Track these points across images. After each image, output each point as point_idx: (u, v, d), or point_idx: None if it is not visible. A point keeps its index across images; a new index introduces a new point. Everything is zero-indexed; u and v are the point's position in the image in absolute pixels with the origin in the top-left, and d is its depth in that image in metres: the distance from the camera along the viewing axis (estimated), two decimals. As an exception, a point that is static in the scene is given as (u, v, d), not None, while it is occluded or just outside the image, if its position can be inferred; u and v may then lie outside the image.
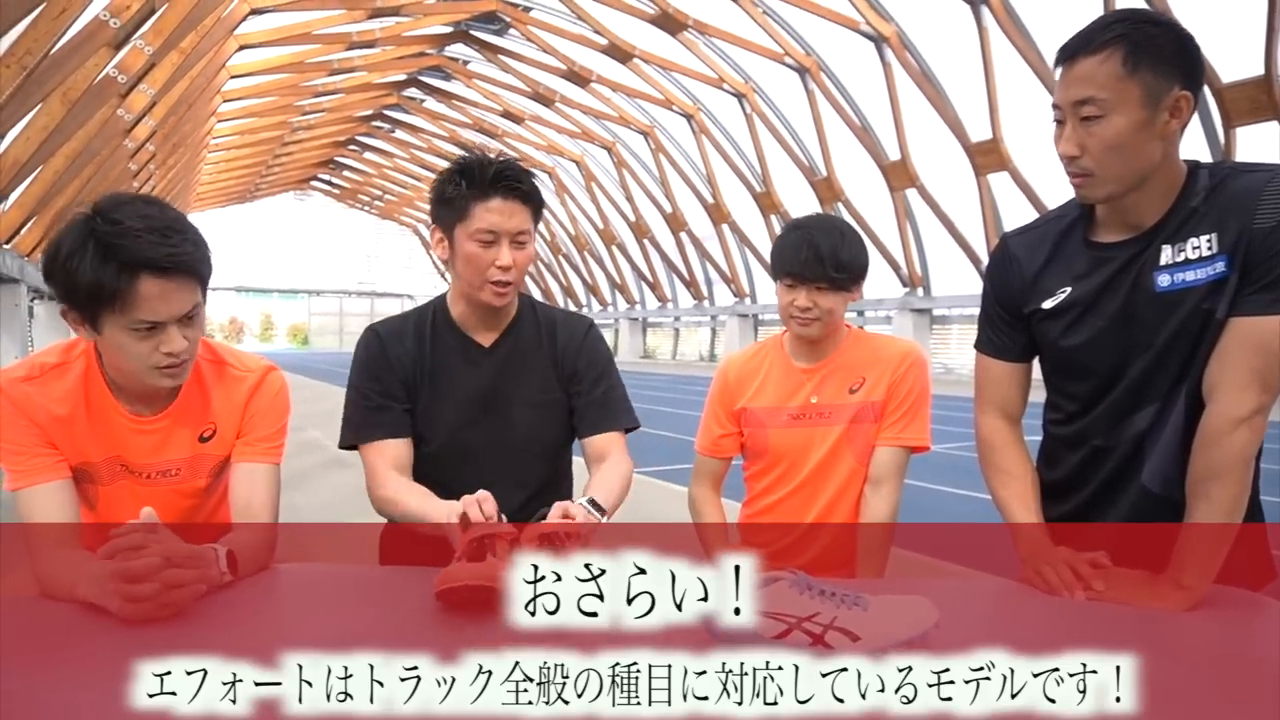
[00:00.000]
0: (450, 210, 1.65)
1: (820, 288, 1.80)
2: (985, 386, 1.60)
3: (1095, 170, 1.31)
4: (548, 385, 1.78)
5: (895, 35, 17.01)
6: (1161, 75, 1.26)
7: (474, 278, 1.66)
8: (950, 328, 21.96)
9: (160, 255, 1.27)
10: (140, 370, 1.37)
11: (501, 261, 1.63)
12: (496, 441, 1.74)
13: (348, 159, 36.52)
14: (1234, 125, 13.02)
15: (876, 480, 1.89)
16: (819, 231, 1.82)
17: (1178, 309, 1.34)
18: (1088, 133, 1.30)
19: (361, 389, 1.74)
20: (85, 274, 1.26)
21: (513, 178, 1.63)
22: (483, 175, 1.63)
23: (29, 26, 8.14)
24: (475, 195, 1.62)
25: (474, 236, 1.63)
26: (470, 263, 1.64)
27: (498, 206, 1.62)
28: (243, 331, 64.34)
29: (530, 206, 1.66)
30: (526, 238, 1.67)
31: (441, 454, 1.74)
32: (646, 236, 28.98)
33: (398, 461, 1.69)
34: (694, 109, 22.85)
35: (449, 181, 1.66)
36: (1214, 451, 1.30)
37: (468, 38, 22.61)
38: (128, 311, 1.29)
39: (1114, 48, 1.26)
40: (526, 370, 1.77)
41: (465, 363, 1.75)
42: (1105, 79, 1.26)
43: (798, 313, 1.83)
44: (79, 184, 13.85)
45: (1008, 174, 16.64)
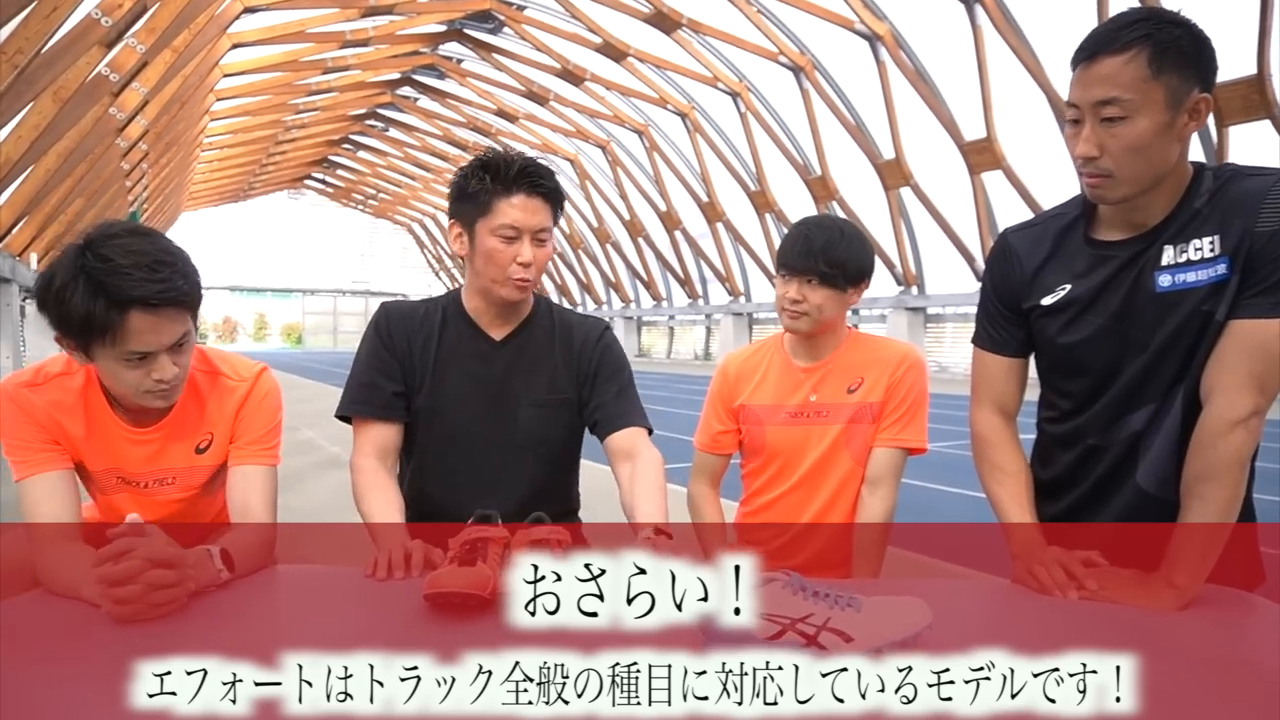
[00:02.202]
0: (472, 205, 1.65)
1: (811, 281, 1.81)
2: (982, 381, 1.60)
3: (1115, 171, 1.30)
4: (555, 386, 1.78)
5: (889, 34, 17.03)
6: (1185, 78, 1.25)
7: (495, 273, 1.66)
8: (945, 326, 22.00)
9: (150, 292, 1.29)
10: (132, 394, 1.40)
11: (523, 258, 1.64)
12: (500, 437, 1.74)
13: (341, 158, 36.42)
14: (1226, 124, 13.06)
15: (873, 481, 1.89)
16: (816, 228, 1.84)
17: (1177, 310, 1.34)
18: (1109, 134, 1.28)
19: (362, 363, 1.76)
20: (77, 307, 1.28)
21: (536, 175, 1.64)
22: (507, 171, 1.63)
23: (20, 25, 8.10)
24: (499, 191, 1.63)
25: (496, 232, 1.63)
26: (491, 258, 1.65)
27: (520, 203, 1.63)
28: (236, 331, 64.17)
29: (552, 204, 1.68)
30: (547, 235, 1.68)
31: (445, 444, 1.75)
32: (641, 235, 28.97)
33: (380, 444, 1.70)
34: (688, 108, 22.84)
35: (472, 176, 1.66)
36: (1210, 452, 1.30)
37: (462, 36, 22.57)
38: (118, 344, 1.31)
39: (1139, 48, 1.24)
40: (535, 369, 1.77)
41: (474, 354, 1.76)
42: (1130, 80, 1.25)
43: (788, 305, 1.84)
44: (71, 183, 13.81)
45: (1001, 172, 16.67)
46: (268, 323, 65.97)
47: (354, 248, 71.68)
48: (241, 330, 64.74)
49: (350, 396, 1.74)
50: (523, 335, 1.78)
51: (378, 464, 1.68)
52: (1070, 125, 1.34)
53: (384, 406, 1.72)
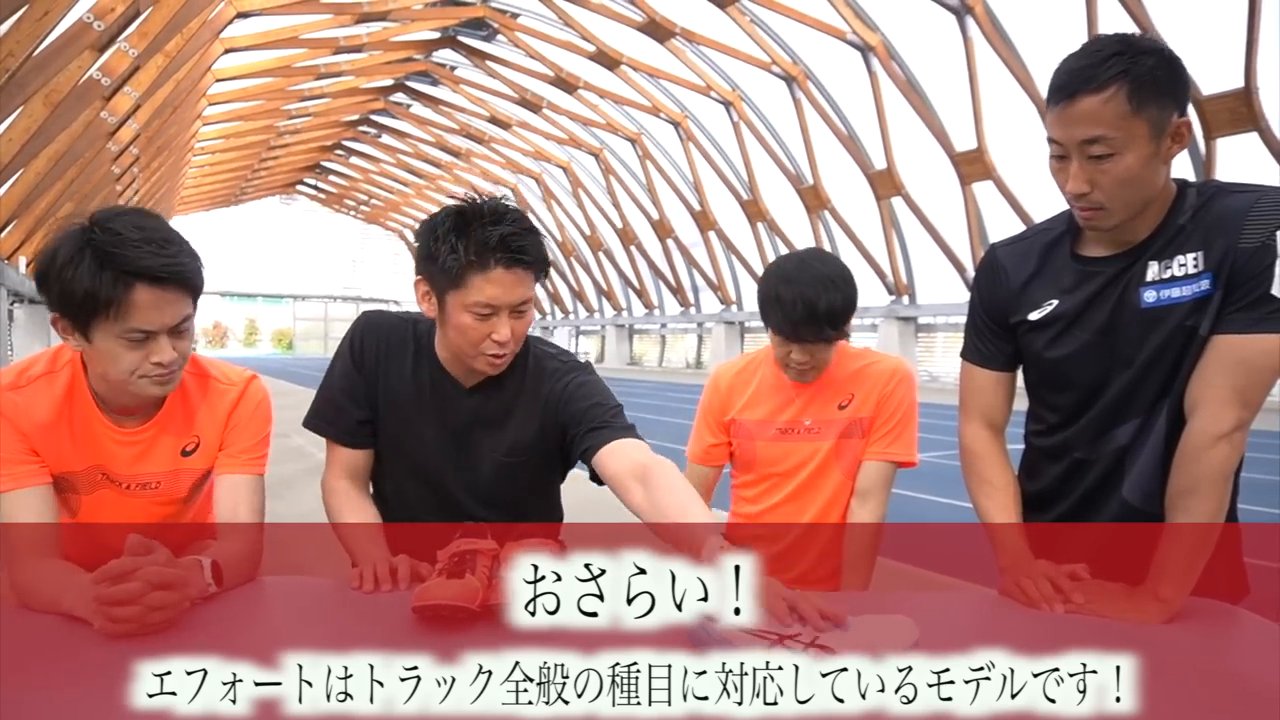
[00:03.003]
0: (442, 274, 1.43)
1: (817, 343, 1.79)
2: (970, 395, 1.60)
3: (1107, 204, 1.31)
4: (520, 446, 1.61)
5: (881, 45, 17.15)
6: (1163, 106, 1.27)
7: (467, 348, 1.48)
8: (935, 336, 22.10)
9: (157, 265, 1.28)
10: (129, 379, 1.37)
11: (498, 336, 1.44)
12: (465, 484, 1.63)
13: (334, 164, 36.41)
14: (1214, 137, 13.20)
15: (863, 493, 1.89)
16: (812, 286, 1.75)
17: (1162, 325, 1.35)
18: (1098, 170, 1.29)
19: (333, 379, 1.64)
20: (81, 282, 1.27)
21: (518, 246, 1.41)
22: (484, 242, 1.39)
23: (11, 28, 8.08)
24: (474, 265, 1.40)
25: (470, 309, 1.43)
26: (463, 333, 1.46)
27: (499, 278, 1.41)
28: (227, 336, 63.97)
29: (534, 271, 1.46)
30: (528, 306, 1.48)
31: (409, 483, 1.66)
32: (634, 243, 29.02)
33: (349, 467, 1.64)
34: (681, 116, 22.93)
35: (443, 241, 1.42)
36: (1194, 466, 1.31)
37: (455, 44, 22.62)
38: (121, 319, 1.29)
39: (1117, 85, 1.25)
40: (503, 426, 1.61)
41: (440, 399, 1.61)
42: (1113, 118, 1.26)
43: (794, 364, 1.83)
44: (61, 187, 13.74)
45: (992, 183, 16.79)
46: (258, 328, 65.79)
47: (345, 254, 71.62)
48: (232, 335, 64.53)
49: (317, 411, 1.65)
50: (491, 385, 1.59)
51: (349, 484, 1.63)
52: (1055, 160, 1.35)
53: (348, 433, 1.63)
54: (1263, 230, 1.27)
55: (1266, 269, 1.26)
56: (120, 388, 1.40)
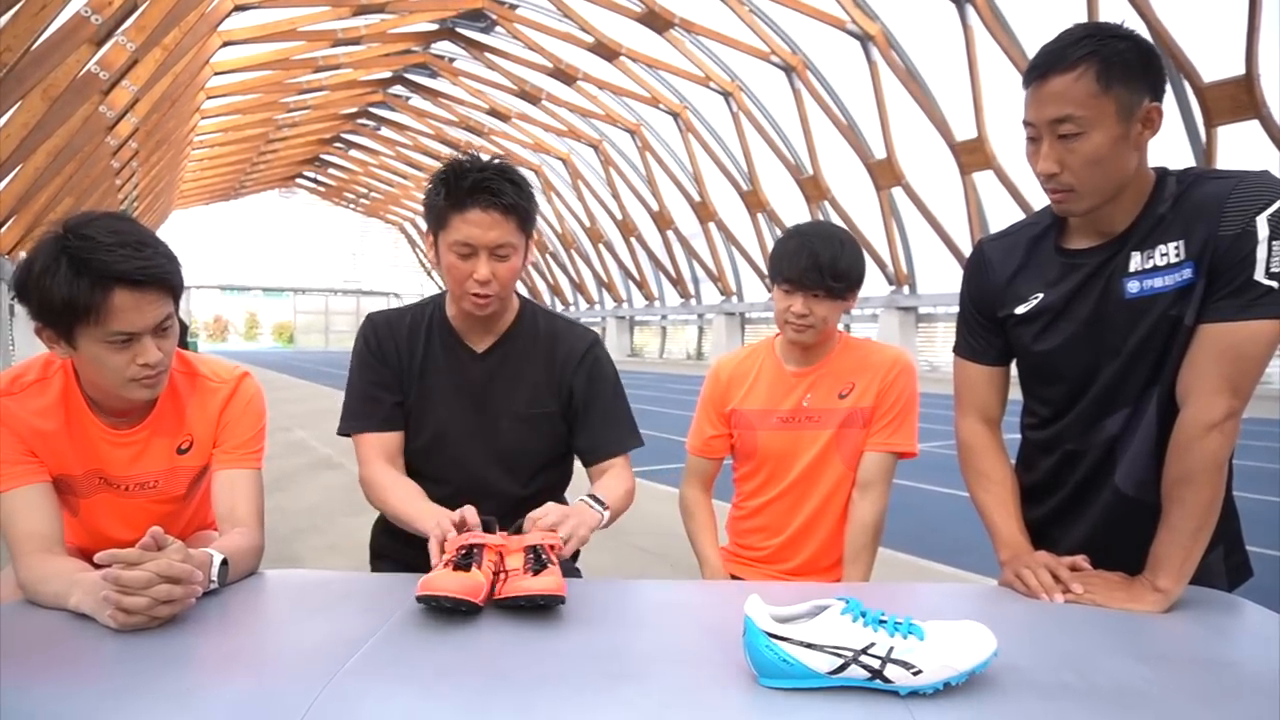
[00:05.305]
0: (434, 218, 1.61)
1: (817, 295, 1.82)
2: (964, 390, 1.62)
3: (1076, 185, 1.33)
4: (537, 399, 1.74)
5: (881, 34, 17.07)
6: (1133, 89, 1.28)
7: (454, 287, 1.64)
8: (936, 326, 22.06)
9: (133, 268, 1.29)
10: (117, 383, 1.38)
11: (479, 275, 1.58)
12: (484, 449, 1.73)
13: (333, 156, 36.31)
14: (1215, 124, 13.15)
15: (864, 484, 1.90)
16: (819, 240, 1.82)
17: (1146, 315, 1.36)
18: (1067, 149, 1.31)
19: (356, 379, 1.75)
20: (59, 289, 1.28)
21: (492, 189, 1.55)
22: (460, 184, 1.55)
23: (9, 22, 8.05)
24: (452, 205, 1.56)
25: (452, 248, 1.58)
26: (450, 273, 1.61)
27: (475, 218, 1.55)
28: (227, 330, 63.99)
29: (514, 217, 1.58)
30: (509, 250, 1.59)
31: (431, 454, 1.73)
32: (633, 234, 28.96)
33: (386, 452, 1.70)
34: (681, 107, 22.85)
35: (433, 188, 1.60)
36: (1188, 456, 1.32)
37: (454, 35, 22.53)
38: (102, 324, 1.30)
39: (1086, 65, 1.27)
40: (518, 381, 1.74)
41: (456, 366, 1.73)
42: (1081, 96, 1.28)
43: (793, 318, 1.84)
44: (60, 181, 13.72)
45: (992, 172, 16.73)
46: (259, 322, 65.79)
47: (345, 247, 71.57)
48: (233, 329, 64.53)
49: (352, 413, 1.73)
50: (505, 346, 1.74)
51: (384, 467, 1.68)
52: (1029, 143, 1.36)
53: (386, 419, 1.71)
54: (1242, 217, 1.27)
55: (1248, 255, 1.27)
56: (111, 392, 1.41)
